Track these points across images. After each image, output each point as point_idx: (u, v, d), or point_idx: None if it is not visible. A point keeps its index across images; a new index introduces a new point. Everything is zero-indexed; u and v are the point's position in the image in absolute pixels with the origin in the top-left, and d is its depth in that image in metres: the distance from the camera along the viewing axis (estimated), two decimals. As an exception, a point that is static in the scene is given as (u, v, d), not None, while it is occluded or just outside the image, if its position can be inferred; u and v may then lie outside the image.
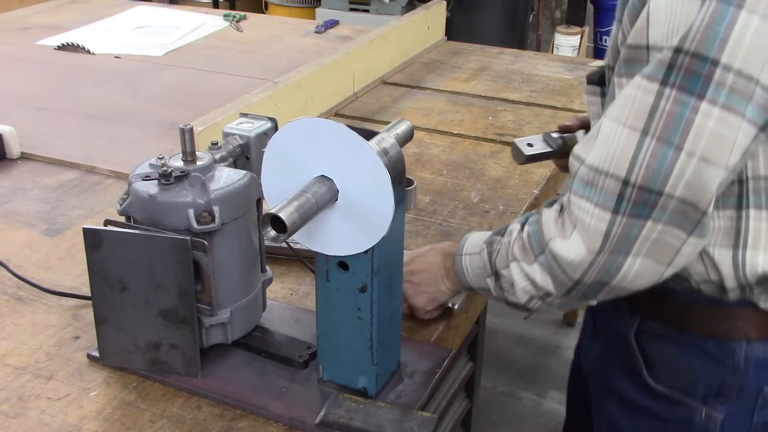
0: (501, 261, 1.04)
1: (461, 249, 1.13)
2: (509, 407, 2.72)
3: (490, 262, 1.07)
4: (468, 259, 1.11)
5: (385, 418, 1.01)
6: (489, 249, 1.07)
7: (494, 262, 1.06)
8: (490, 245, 1.07)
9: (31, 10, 3.09)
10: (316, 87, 2.02)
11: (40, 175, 1.74)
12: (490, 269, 1.07)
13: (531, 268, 1.00)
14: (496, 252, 1.06)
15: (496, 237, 1.07)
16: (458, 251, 1.13)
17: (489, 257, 1.07)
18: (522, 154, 1.30)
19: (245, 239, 1.11)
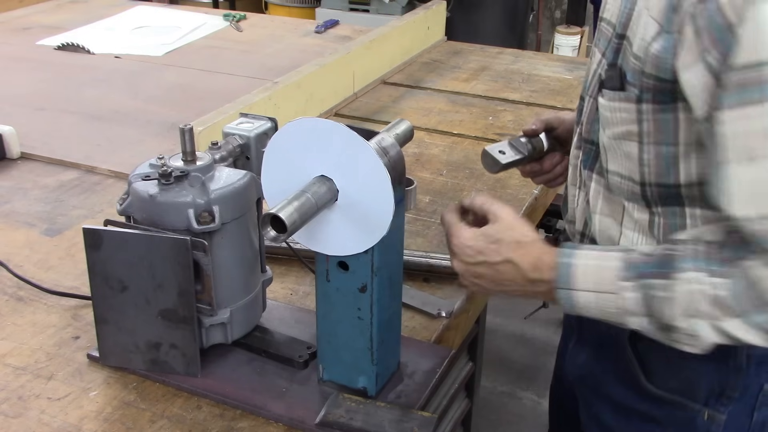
0: (678, 315, 0.89)
1: (568, 281, 0.95)
2: (509, 407, 2.72)
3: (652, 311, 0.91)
4: (594, 297, 0.94)
5: (385, 418, 1.01)
6: (645, 294, 0.91)
7: (667, 315, 0.90)
8: (648, 290, 0.91)
9: (31, 10, 3.09)
10: (316, 87, 2.02)
11: (40, 175, 1.74)
12: (652, 320, 0.92)
13: (736, 327, 0.87)
14: (663, 303, 0.90)
15: (655, 282, 0.90)
16: (564, 284, 0.96)
17: (648, 304, 0.91)
18: (497, 162, 1.22)
19: (245, 239, 1.11)
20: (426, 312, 1.27)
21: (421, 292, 1.31)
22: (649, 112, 0.93)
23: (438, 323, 1.25)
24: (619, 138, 0.98)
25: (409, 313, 1.26)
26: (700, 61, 0.83)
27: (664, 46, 0.88)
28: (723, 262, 0.87)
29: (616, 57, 0.98)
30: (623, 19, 0.97)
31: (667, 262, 0.90)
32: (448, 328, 1.26)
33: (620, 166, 1.00)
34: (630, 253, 0.94)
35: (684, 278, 0.88)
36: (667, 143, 0.94)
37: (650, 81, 0.91)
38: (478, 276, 1.02)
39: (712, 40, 0.81)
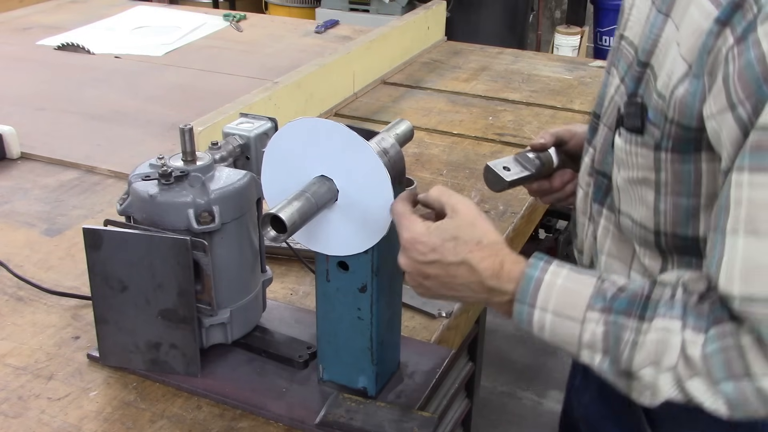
0: (641, 362, 0.81)
1: (528, 297, 0.86)
2: (509, 407, 2.72)
3: (612, 351, 0.83)
4: (550, 321, 0.85)
5: (385, 418, 1.01)
6: (609, 331, 0.82)
7: (626, 358, 0.82)
8: (614, 327, 0.82)
9: (31, 10, 3.09)
10: (316, 87, 2.02)
11: (40, 175, 1.74)
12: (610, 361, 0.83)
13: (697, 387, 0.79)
14: (627, 345, 0.81)
15: (625, 321, 0.82)
16: (523, 298, 0.86)
17: (609, 342, 0.83)
18: (501, 180, 1.11)
19: (245, 239, 1.11)
20: (426, 312, 1.27)
21: (421, 292, 1.31)
22: (668, 161, 0.85)
23: (438, 323, 1.25)
24: (634, 182, 0.90)
25: (409, 313, 1.26)
26: (728, 111, 0.75)
27: (690, 91, 0.80)
28: (700, 317, 0.79)
29: (637, 87, 0.89)
30: (648, 45, 0.88)
31: (642, 302, 0.82)
32: (448, 328, 1.26)
33: (634, 210, 0.92)
34: (603, 282, 0.85)
35: (656, 325, 0.80)
36: (687, 195, 0.86)
37: (672, 127, 0.83)
38: (427, 276, 0.90)
39: (746, 90, 0.73)
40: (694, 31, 0.79)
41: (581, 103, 2.20)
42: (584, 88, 2.31)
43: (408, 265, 0.91)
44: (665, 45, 0.86)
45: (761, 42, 0.71)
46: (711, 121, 0.78)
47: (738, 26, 0.74)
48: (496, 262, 0.88)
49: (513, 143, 1.94)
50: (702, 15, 0.79)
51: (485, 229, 0.90)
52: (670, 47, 0.84)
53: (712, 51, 0.77)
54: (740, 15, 0.74)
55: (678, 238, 0.89)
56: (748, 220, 0.73)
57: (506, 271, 0.88)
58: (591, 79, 2.38)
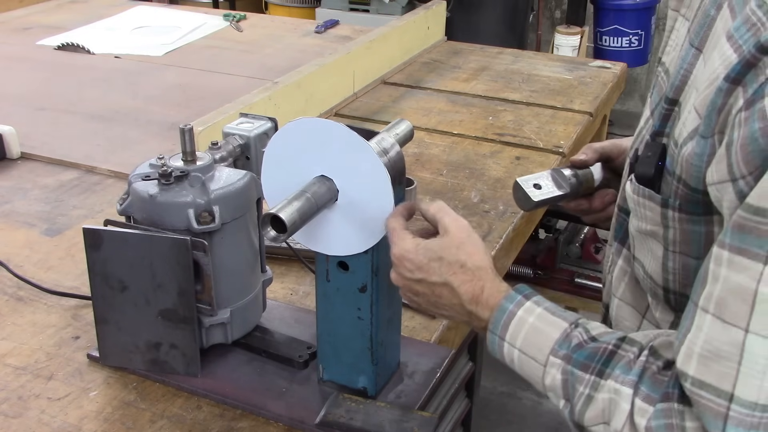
0: (592, 419, 0.79)
1: (499, 329, 0.86)
2: (509, 407, 2.72)
3: (569, 398, 0.82)
4: (518, 356, 0.86)
5: (385, 418, 1.01)
6: (567, 380, 0.81)
7: (579, 412, 0.80)
8: (571, 377, 0.81)
9: (31, 10, 3.09)
10: (316, 87, 2.02)
11: (40, 175, 1.74)
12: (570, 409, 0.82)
13: None
14: (581, 398, 0.80)
15: (581, 374, 0.80)
16: (495, 329, 0.87)
17: (567, 391, 0.82)
18: (529, 199, 1.03)
19: (245, 239, 1.11)
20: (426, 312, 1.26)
21: (421, 292, 1.31)
22: (675, 219, 0.80)
23: (438, 323, 1.25)
24: (644, 234, 0.86)
25: (409, 313, 1.26)
26: (729, 182, 0.69)
27: (697, 152, 0.74)
28: (654, 387, 0.76)
29: (663, 125, 0.83)
30: (677, 81, 0.81)
31: (603, 357, 0.80)
32: (448, 328, 1.25)
33: (646, 260, 0.88)
34: (575, 327, 0.83)
35: (610, 386, 0.78)
36: (697, 257, 0.81)
37: (679, 186, 0.78)
38: (416, 293, 0.92)
39: (749, 164, 0.66)
40: (711, 82, 0.72)
41: (581, 103, 2.20)
42: (584, 88, 2.31)
43: (397, 280, 0.93)
44: (694, 83, 0.79)
45: (767, 113, 0.65)
46: (713, 188, 0.73)
47: (749, 87, 0.68)
48: (477, 287, 0.88)
49: (513, 143, 1.94)
50: (722, 62, 0.71)
51: (471, 252, 0.89)
52: (697, 86, 0.77)
53: (723, 110, 0.70)
54: (753, 75, 0.67)
55: (687, 298, 0.81)
56: (718, 302, 0.70)
57: (485, 297, 0.88)
58: (591, 79, 2.38)
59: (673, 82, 0.83)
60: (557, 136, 1.98)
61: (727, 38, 0.71)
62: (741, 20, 0.70)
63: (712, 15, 0.78)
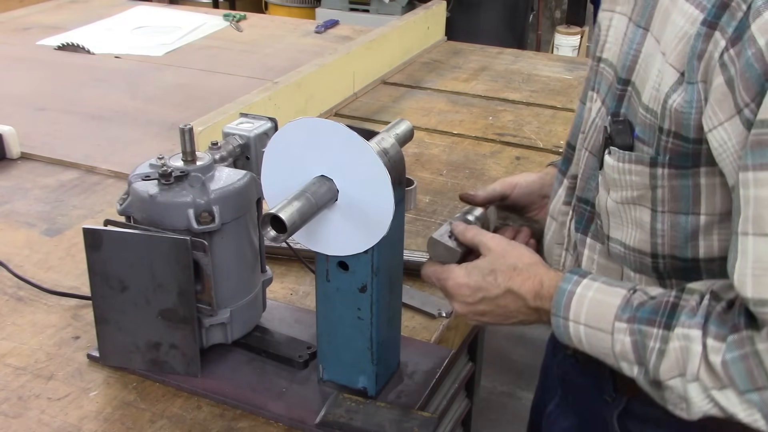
0: (667, 371, 0.80)
1: (561, 310, 0.88)
2: (509, 407, 2.72)
3: (642, 360, 0.82)
4: (584, 331, 0.86)
5: (385, 418, 1.01)
6: (636, 341, 0.82)
7: (654, 367, 0.81)
8: (639, 336, 0.82)
9: (31, 10, 3.09)
10: (316, 87, 2.02)
11: (40, 175, 1.74)
12: (645, 370, 0.83)
13: (727, 398, 0.77)
14: (653, 354, 0.81)
15: (649, 329, 0.81)
16: (557, 311, 0.88)
17: (639, 353, 0.82)
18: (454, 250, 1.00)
19: (245, 239, 1.11)
20: (426, 312, 1.27)
21: (421, 292, 1.31)
22: (665, 177, 0.83)
23: (438, 323, 1.25)
24: (628, 203, 0.88)
25: (409, 313, 1.26)
26: (736, 115, 0.72)
27: (686, 100, 0.77)
28: (722, 324, 0.77)
29: (619, 106, 0.88)
30: (628, 62, 0.87)
31: (667, 310, 0.81)
32: (448, 328, 1.25)
33: (626, 234, 0.90)
34: (634, 292, 0.85)
35: (679, 333, 0.79)
36: (685, 212, 0.83)
37: (669, 140, 0.80)
38: (482, 313, 0.95)
39: (749, 91, 0.70)
40: (681, 38, 0.77)
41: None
42: (584, 88, 2.31)
43: (461, 308, 0.96)
44: (646, 60, 0.84)
45: (757, 39, 0.70)
46: (717, 131, 0.75)
47: (728, 27, 0.73)
48: (536, 283, 0.91)
49: (513, 143, 1.94)
50: (687, 20, 0.77)
51: (518, 254, 0.94)
52: (652, 60, 0.82)
53: (704, 56, 0.75)
54: (728, 15, 0.73)
55: (677, 260, 0.87)
56: (755, 220, 0.72)
57: (545, 289, 0.90)
58: (591, 79, 2.38)
59: (623, 64, 0.87)
60: (557, 136, 1.98)
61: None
62: None
63: None
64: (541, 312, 0.91)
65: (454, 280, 0.95)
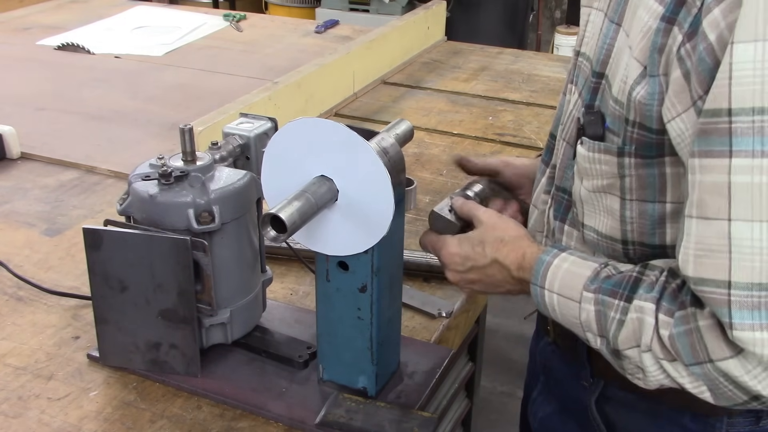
0: (625, 341, 0.84)
1: (539, 279, 0.92)
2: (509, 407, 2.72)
3: (604, 330, 0.86)
4: (557, 300, 0.91)
5: (385, 418, 1.01)
6: (600, 310, 0.86)
7: (613, 337, 0.85)
8: (602, 306, 0.86)
9: (31, 10, 3.09)
10: (316, 87, 2.02)
11: (40, 175, 1.74)
12: (606, 341, 0.87)
13: (676, 370, 0.82)
14: (613, 324, 0.85)
15: (611, 300, 0.85)
16: (535, 279, 0.92)
17: (601, 322, 0.86)
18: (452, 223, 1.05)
19: (245, 239, 1.11)
20: (426, 312, 1.27)
21: (421, 292, 1.31)
22: (632, 166, 0.86)
23: (438, 323, 1.25)
24: (599, 191, 0.91)
25: (409, 313, 1.26)
26: (692, 107, 0.76)
27: (649, 92, 0.80)
28: (675, 300, 0.81)
29: (593, 98, 0.91)
30: (601, 56, 0.90)
31: (629, 284, 0.85)
32: (448, 328, 1.26)
33: (598, 222, 0.93)
34: (605, 266, 0.89)
35: (636, 305, 0.83)
36: (652, 200, 0.87)
37: (634, 130, 0.84)
38: (471, 282, 1.01)
39: (702, 84, 0.74)
40: (645, 32, 0.80)
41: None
42: (584, 88, 2.31)
43: (453, 276, 1.02)
44: (617, 53, 0.87)
45: (707, 34, 0.73)
46: (675, 121, 0.78)
47: (684, 22, 0.76)
48: (519, 254, 0.96)
49: (513, 143, 1.94)
50: (650, 15, 0.80)
51: (506, 227, 0.99)
52: (622, 54, 0.85)
53: (664, 50, 0.78)
54: (685, 11, 0.76)
55: (646, 246, 0.90)
56: (698, 204, 0.76)
57: (528, 261, 0.95)
58: (591, 79, 2.38)
59: (598, 58, 0.90)
60: (557, 136, 1.98)
61: None
62: None
63: None
64: (524, 283, 0.95)
65: (446, 249, 1.01)
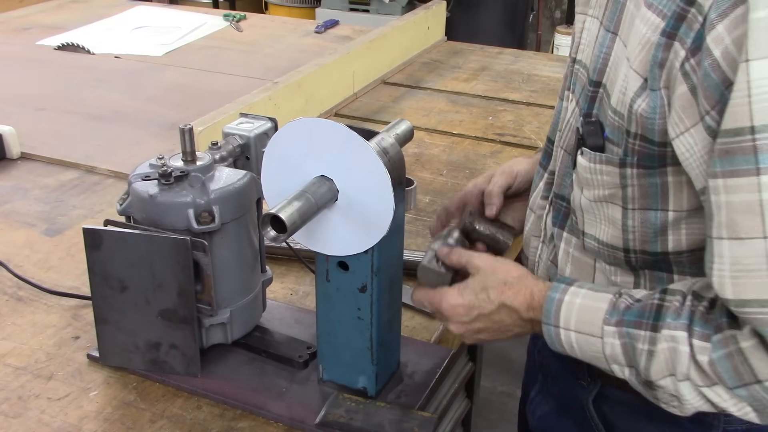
0: (658, 372, 0.83)
1: (552, 318, 0.90)
2: (509, 407, 2.71)
3: (633, 362, 0.85)
4: (575, 337, 0.88)
5: (385, 418, 1.01)
6: (626, 343, 0.85)
7: (644, 369, 0.84)
8: (628, 339, 0.84)
9: (31, 10, 3.09)
10: (316, 87, 2.02)
11: (40, 175, 1.74)
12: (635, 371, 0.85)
13: (717, 394, 0.80)
14: (643, 355, 0.83)
15: (636, 332, 0.84)
16: (548, 319, 0.90)
17: (628, 354, 0.85)
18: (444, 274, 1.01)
19: (245, 239, 1.11)
20: (426, 312, 1.27)
21: (421, 292, 1.31)
22: (634, 176, 0.86)
23: (438, 323, 1.24)
24: (600, 201, 0.90)
25: (409, 313, 1.26)
26: (700, 122, 0.76)
27: (651, 105, 0.80)
28: (707, 324, 0.80)
29: (591, 107, 0.90)
30: (598, 64, 0.89)
31: (653, 312, 0.84)
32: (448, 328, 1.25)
33: (599, 230, 0.93)
34: (619, 296, 0.88)
35: (666, 335, 0.82)
36: (655, 208, 0.87)
37: (636, 142, 0.83)
38: (478, 331, 0.97)
39: (709, 99, 0.74)
40: (643, 45, 0.80)
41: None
42: (584, 88, 2.31)
43: (458, 328, 0.98)
44: (615, 63, 0.86)
45: (712, 50, 0.73)
46: (684, 137, 0.78)
47: (686, 38, 0.76)
48: (526, 294, 0.93)
49: (513, 143, 1.94)
50: (648, 27, 0.79)
51: (506, 269, 0.96)
52: (620, 64, 0.85)
53: (665, 65, 0.78)
54: (686, 27, 0.76)
55: (648, 254, 0.90)
56: (729, 225, 0.75)
57: (536, 300, 0.92)
58: (591, 79, 2.38)
59: (595, 67, 0.90)
60: (557, 136, 1.98)
61: (646, 6, 0.80)
62: None
63: (622, 1, 0.87)
64: (534, 322, 0.93)
65: (447, 301, 0.97)
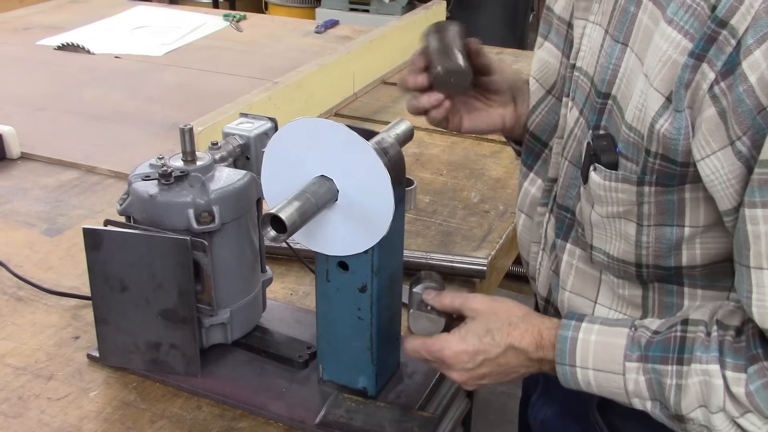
0: (689, 405, 0.81)
1: (567, 357, 0.88)
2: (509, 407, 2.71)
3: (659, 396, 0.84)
4: (594, 375, 0.87)
5: (385, 418, 1.01)
6: (651, 379, 0.84)
7: (675, 403, 0.82)
8: (654, 374, 0.83)
9: (31, 10, 3.09)
10: (316, 87, 2.02)
11: (40, 175, 1.74)
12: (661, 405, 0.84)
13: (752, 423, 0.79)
14: (672, 390, 0.82)
15: (663, 368, 0.83)
16: (562, 359, 0.89)
17: (653, 389, 0.84)
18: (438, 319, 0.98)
19: (245, 239, 1.11)
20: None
21: (421, 292, 1.31)
22: (651, 194, 0.84)
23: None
24: (613, 217, 0.89)
25: (409, 313, 1.26)
26: (729, 147, 0.75)
27: (675, 126, 0.78)
28: (737, 355, 0.79)
29: (600, 119, 0.88)
30: (606, 76, 0.87)
31: (678, 346, 0.82)
32: (448, 328, 1.25)
33: (610, 246, 0.91)
34: (637, 330, 0.86)
35: (697, 368, 0.81)
36: (670, 224, 0.85)
37: (656, 162, 0.82)
38: (482, 377, 0.94)
39: (742, 124, 0.73)
40: (665, 62, 0.78)
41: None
42: (584, 88, 2.31)
43: (461, 376, 0.95)
44: (628, 76, 0.84)
45: (748, 76, 0.71)
46: (710, 160, 0.77)
47: (717, 60, 0.74)
48: (535, 333, 0.91)
49: (513, 143, 1.94)
50: (670, 45, 0.77)
51: (508, 309, 0.94)
52: (635, 78, 0.83)
53: (691, 86, 0.76)
54: (716, 49, 0.74)
55: (660, 269, 0.89)
56: None
57: (545, 339, 0.91)
58: (591, 79, 2.38)
59: (602, 78, 0.88)
60: (557, 136, 1.98)
61: (667, 23, 0.78)
62: (676, 6, 0.77)
63: (632, 11, 0.84)
64: (543, 362, 0.91)
65: (450, 349, 0.93)
